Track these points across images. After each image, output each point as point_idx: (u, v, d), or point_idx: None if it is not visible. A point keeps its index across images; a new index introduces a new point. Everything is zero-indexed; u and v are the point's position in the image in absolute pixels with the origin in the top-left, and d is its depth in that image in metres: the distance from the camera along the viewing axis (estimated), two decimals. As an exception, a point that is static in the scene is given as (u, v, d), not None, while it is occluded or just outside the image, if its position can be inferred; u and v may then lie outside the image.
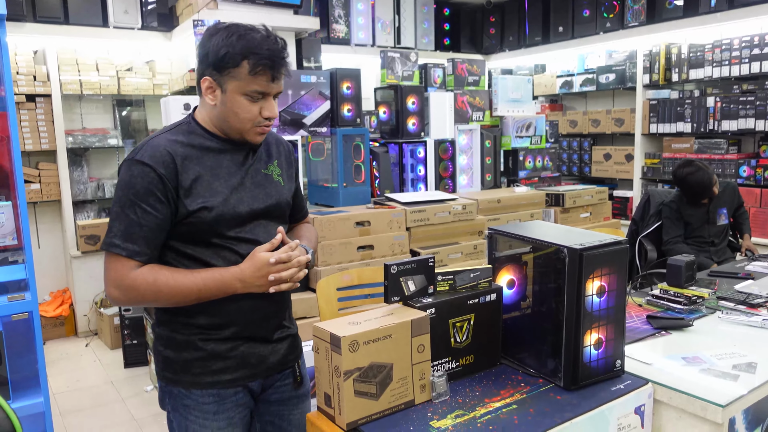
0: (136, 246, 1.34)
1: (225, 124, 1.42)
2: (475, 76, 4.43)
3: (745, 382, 1.46)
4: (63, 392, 3.60)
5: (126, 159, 1.38)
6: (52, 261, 4.70)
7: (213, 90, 1.40)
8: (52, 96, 4.37)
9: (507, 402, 1.38)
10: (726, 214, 3.61)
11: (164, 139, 1.40)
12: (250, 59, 1.34)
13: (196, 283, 1.36)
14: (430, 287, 1.48)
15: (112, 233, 1.35)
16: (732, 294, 2.12)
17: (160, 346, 1.47)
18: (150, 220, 1.34)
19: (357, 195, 3.63)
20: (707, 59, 4.68)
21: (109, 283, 1.36)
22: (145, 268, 1.35)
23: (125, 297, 1.36)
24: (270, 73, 1.37)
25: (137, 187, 1.34)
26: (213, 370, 1.43)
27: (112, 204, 1.38)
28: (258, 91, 1.38)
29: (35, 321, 1.74)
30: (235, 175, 1.46)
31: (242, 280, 1.38)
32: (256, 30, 1.38)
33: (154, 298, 1.36)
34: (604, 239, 1.45)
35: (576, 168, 5.97)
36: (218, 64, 1.36)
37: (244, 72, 1.35)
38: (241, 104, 1.38)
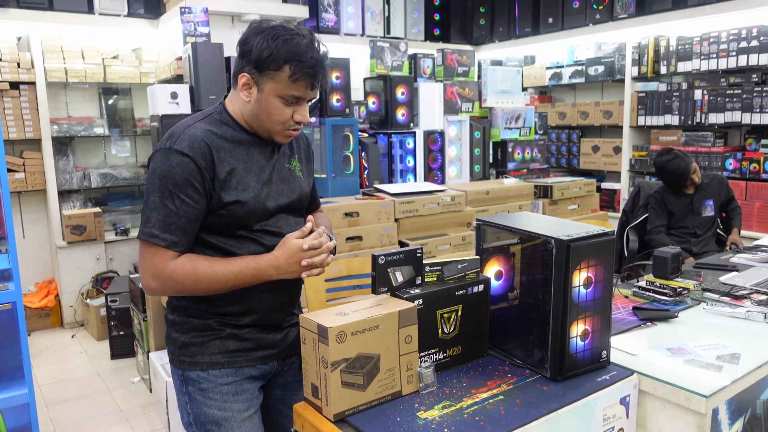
0: (174, 236, 1.36)
1: (256, 121, 1.44)
2: (465, 66, 4.42)
3: (728, 373, 1.48)
4: (49, 383, 3.57)
5: (162, 147, 1.37)
6: (38, 251, 4.65)
7: (249, 87, 1.41)
8: (37, 83, 4.30)
9: (494, 393, 1.38)
10: (712, 206, 3.63)
11: (200, 129, 1.40)
12: (293, 65, 1.35)
13: (233, 271, 1.39)
14: (418, 278, 1.48)
15: (150, 223, 1.35)
16: (717, 286, 2.14)
17: (176, 333, 1.50)
18: (188, 211, 1.36)
19: (346, 185, 3.62)
20: (695, 52, 4.70)
21: (146, 273, 1.37)
22: (183, 257, 1.38)
23: (163, 287, 1.38)
24: (310, 81, 1.39)
25: (176, 178, 1.34)
26: (230, 349, 1.48)
27: (147, 193, 1.37)
28: (294, 96, 1.40)
29: (19, 312, 1.72)
30: (264, 170, 1.49)
31: (277, 267, 1.42)
32: (301, 35, 1.38)
33: (193, 287, 1.38)
34: (591, 230, 1.45)
35: (564, 160, 5.99)
36: (259, 64, 1.37)
37: (285, 76, 1.37)
38: (276, 106, 1.40)
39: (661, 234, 3.63)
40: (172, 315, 1.52)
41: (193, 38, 3.60)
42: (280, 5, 4.15)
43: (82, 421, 3.10)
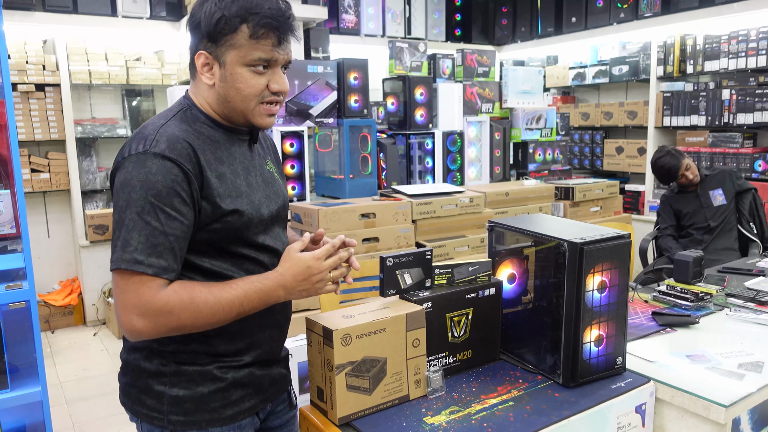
0: (162, 260, 1.08)
1: (227, 105, 1.20)
2: (485, 67, 4.37)
3: (750, 382, 1.42)
4: (70, 381, 3.62)
5: (133, 152, 1.10)
6: (62, 250, 4.73)
7: (210, 66, 1.18)
8: (62, 85, 4.37)
9: (503, 398, 1.35)
10: (722, 194, 3.64)
11: (176, 128, 1.16)
12: (250, 20, 1.14)
13: (238, 296, 1.14)
14: (428, 281, 1.46)
15: (131, 247, 1.06)
16: (741, 291, 2.07)
17: (160, 385, 1.19)
18: (176, 228, 1.10)
19: (363, 187, 3.61)
20: (723, 51, 4.58)
21: (129, 311, 1.08)
22: (175, 285, 1.11)
23: (154, 326, 1.09)
24: (275, 35, 1.16)
25: (158, 187, 1.08)
26: (233, 400, 1.22)
27: (119, 211, 1.09)
28: (263, 59, 1.16)
29: (33, 310, 1.74)
30: (250, 172, 1.26)
31: (284, 286, 1.19)
32: None
33: (192, 321, 1.11)
34: (605, 233, 1.41)
35: (588, 161, 5.89)
36: (213, 33, 1.15)
37: (244, 37, 1.14)
38: (244, 77, 1.17)
39: (668, 238, 3.69)
40: (150, 363, 1.20)
41: (212, 40, 3.62)
42: (299, 6, 4.15)
43: (101, 419, 3.14)
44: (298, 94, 3.43)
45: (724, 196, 3.62)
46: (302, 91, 3.44)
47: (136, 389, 1.22)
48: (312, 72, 3.47)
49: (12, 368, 1.89)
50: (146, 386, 1.20)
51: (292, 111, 3.41)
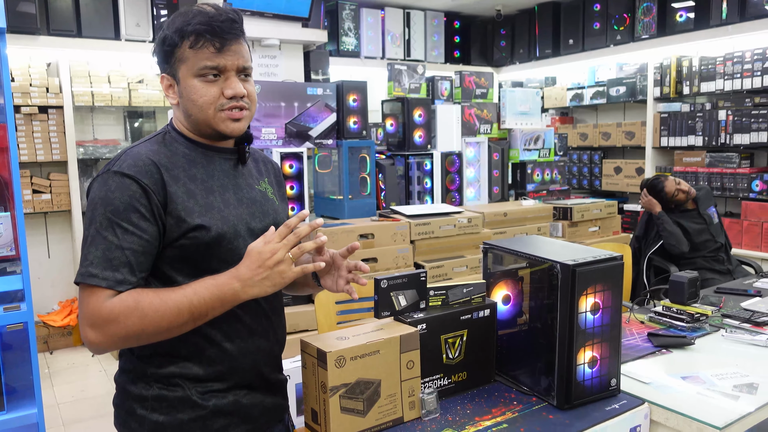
0: (117, 274, 1.10)
1: (191, 120, 1.23)
2: (483, 88, 4.42)
3: (745, 403, 1.42)
4: (67, 402, 3.61)
5: (101, 173, 1.16)
6: (62, 271, 4.74)
7: (172, 86, 1.24)
8: (64, 107, 4.42)
9: (498, 421, 1.35)
10: (716, 213, 3.71)
11: (144, 148, 1.20)
12: (186, 32, 1.18)
13: (186, 294, 1.11)
14: (422, 302, 1.47)
15: (87, 261, 1.10)
16: (737, 311, 2.08)
17: (143, 410, 1.19)
18: (133, 242, 1.11)
19: (362, 207, 3.63)
20: (719, 72, 4.63)
21: (83, 322, 1.10)
22: (123, 294, 1.10)
23: (104, 336, 1.09)
24: (213, 42, 1.18)
25: (115, 203, 1.11)
26: (215, 429, 1.20)
27: (85, 228, 1.15)
28: (209, 67, 1.19)
29: (30, 332, 1.75)
30: (228, 189, 1.26)
31: (238, 277, 1.13)
32: (198, 8, 1.22)
33: (140, 327, 1.09)
34: (598, 255, 1.42)
35: (586, 181, 5.92)
36: (163, 54, 1.22)
37: (186, 50, 1.19)
38: (196, 88, 1.20)
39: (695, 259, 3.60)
40: (134, 386, 1.21)
41: (213, 63, 3.67)
42: (299, 29, 4.21)
43: (98, 441, 3.12)
44: (298, 116, 3.47)
45: (717, 213, 3.67)
46: (302, 112, 3.48)
47: (124, 412, 1.23)
48: (311, 94, 3.51)
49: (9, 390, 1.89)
50: (131, 409, 1.21)
51: (292, 132, 3.45)
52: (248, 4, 3.86)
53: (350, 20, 5.43)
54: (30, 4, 4.12)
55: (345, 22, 5.41)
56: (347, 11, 5.41)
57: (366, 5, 5.53)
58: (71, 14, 4.36)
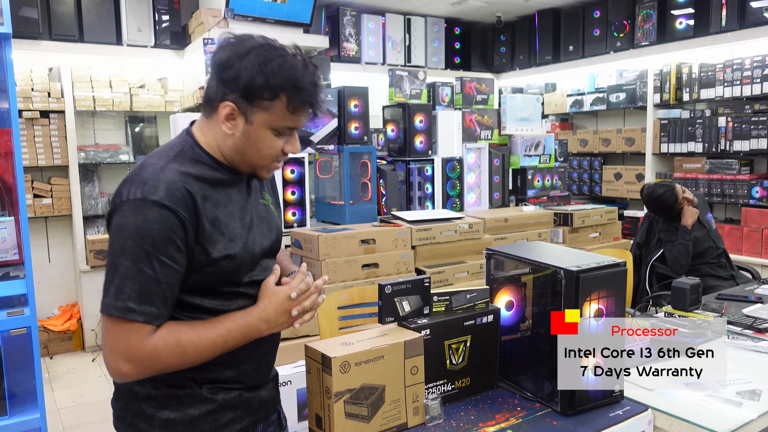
0: (154, 308, 1.11)
1: (239, 156, 1.23)
2: (484, 94, 4.44)
3: (748, 410, 1.42)
4: (67, 407, 3.60)
5: (131, 198, 1.10)
6: (62, 275, 4.74)
7: (234, 118, 1.19)
8: (66, 112, 4.43)
9: (501, 426, 1.35)
10: (712, 219, 3.66)
11: (175, 173, 1.15)
12: (292, 94, 1.16)
13: (222, 335, 1.17)
14: (426, 308, 1.47)
15: (123, 295, 1.08)
16: (739, 318, 2.08)
17: (152, 409, 1.21)
18: (170, 275, 1.12)
19: (363, 213, 3.63)
20: (718, 79, 4.65)
21: (117, 355, 1.10)
22: (163, 330, 1.13)
23: (139, 369, 1.12)
24: (310, 110, 1.21)
25: (154, 235, 1.09)
26: (223, 422, 1.24)
27: (114, 255, 1.10)
28: (289, 128, 1.22)
29: (33, 336, 1.74)
30: (245, 212, 1.28)
31: (267, 320, 1.22)
32: (293, 55, 1.18)
33: (179, 362, 1.15)
34: (602, 261, 1.43)
35: (586, 187, 5.93)
36: (249, 93, 1.16)
37: (281, 106, 1.17)
38: (267, 139, 1.21)
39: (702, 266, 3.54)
40: (142, 386, 1.21)
41: (215, 68, 3.68)
42: (300, 35, 4.23)
43: (98, 446, 3.12)
44: (299, 122, 3.47)
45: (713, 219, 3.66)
46: (303, 118, 3.48)
47: (129, 413, 1.24)
48: (313, 100, 3.51)
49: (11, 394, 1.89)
50: (138, 410, 1.22)
51: (293, 138, 3.45)
52: (250, 10, 3.88)
53: (351, 26, 5.45)
54: (32, 9, 4.13)
55: (346, 28, 5.43)
56: (348, 17, 5.43)
57: (367, 11, 5.55)
58: (73, 19, 4.38)
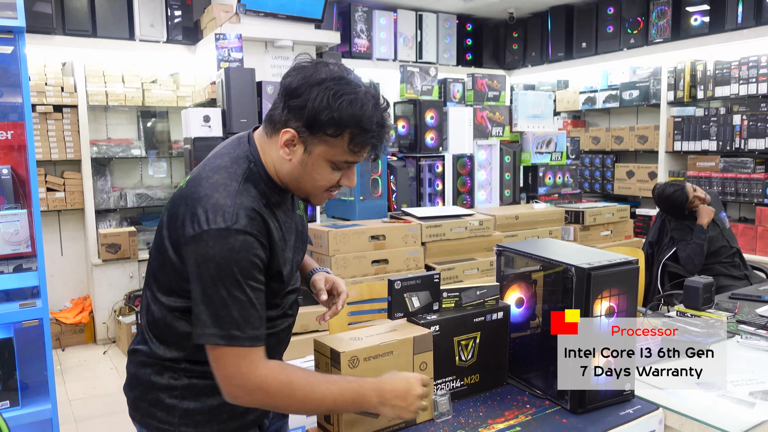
0: (256, 330, 1.13)
1: (293, 183, 1.22)
2: (496, 91, 4.41)
3: (761, 410, 1.41)
4: (79, 399, 3.63)
5: (215, 227, 1.10)
6: (74, 268, 4.77)
7: (293, 145, 1.17)
8: (79, 106, 4.46)
9: (510, 424, 1.35)
10: (726, 218, 3.60)
11: (250, 198, 1.17)
12: (356, 132, 1.14)
13: (333, 392, 1.16)
14: (435, 304, 1.47)
15: (225, 323, 1.10)
16: (753, 318, 2.06)
17: (171, 399, 1.23)
18: (259, 297, 1.15)
19: (373, 209, 3.63)
20: (733, 76, 4.59)
21: (228, 381, 1.13)
22: (275, 364, 1.16)
23: (250, 398, 1.15)
24: (372, 150, 1.19)
25: (243, 264, 1.11)
26: (240, 412, 1.26)
27: (206, 286, 1.11)
28: (348, 162, 1.19)
29: (45, 328, 1.76)
30: (291, 231, 1.28)
31: (381, 395, 1.19)
32: (365, 92, 1.15)
33: (286, 404, 1.17)
34: (614, 259, 1.41)
35: (598, 185, 5.89)
36: (314, 125, 1.13)
37: (343, 143, 1.15)
38: (324, 171, 1.19)
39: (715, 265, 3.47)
40: (161, 377, 1.23)
41: (226, 63, 3.69)
42: (312, 31, 4.22)
43: (108, 438, 3.14)
44: (310, 117, 3.47)
45: (726, 218, 3.61)
46: (314, 114, 3.48)
47: (146, 403, 1.25)
48: (324, 95, 3.51)
49: (23, 386, 1.91)
50: (157, 399, 1.24)
51: (304, 133, 3.45)
52: (262, 5, 3.88)
53: (362, 22, 5.44)
54: (46, 4, 4.16)
55: (357, 23, 5.42)
56: (360, 13, 5.42)
57: (378, 7, 5.54)
58: (86, 14, 4.40)
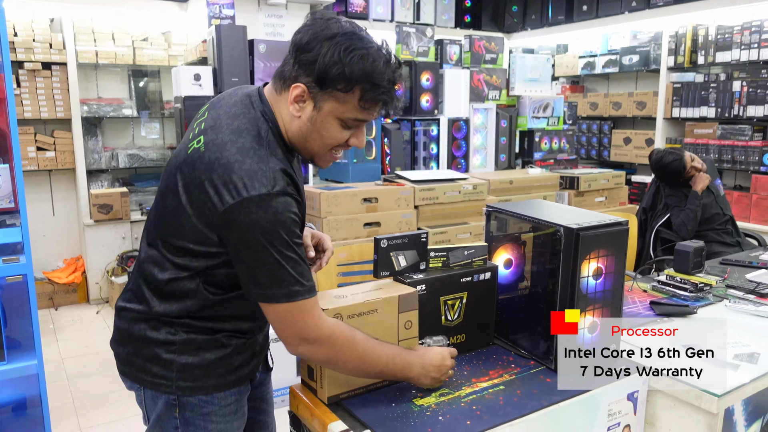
0: (311, 281, 1.16)
1: (302, 141, 1.21)
2: (493, 53, 4.34)
3: (745, 372, 1.41)
4: (72, 357, 3.66)
5: (257, 194, 1.09)
6: (67, 228, 4.75)
7: (303, 100, 1.16)
8: (68, 64, 4.37)
9: (495, 383, 1.35)
10: (721, 185, 3.59)
11: (276, 161, 1.16)
12: (367, 88, 1.13)
13: (387, 354, 1.22)
14: (422, 263, 1.45)
15: (284, 282, 1.12)
16: (742, 282, 2.06)
17: (169, 353, 1.23)
18: (303, 251, 1.17)
19: (367, 171, 3.60)
20: (735, 41, 4.51)
21: (297, 339, 1.16)
22: (339, 321, 1.20)
23: (318, 349, 1.17)
24: (383, 107, 1.17)
25: (288, 224, 1.12)
26: (236, 366, 1.28)
27: (256, 251, 1.11)
28: (358, 120, 1.18)
29: (30, 284, 1.75)
30: (301, 191, 1.26)
31: (423, 365, 1.27)
32: (377, 48, 1.14)
33: (346, 357, 1.19)
34: (603, 219, 1.40)
35: (595, 152, 5.85)
36: (324, 80, 1.13)
37: (354, 99, 1.14)
38: (333, 128, 1.18)
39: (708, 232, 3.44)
40: (157, 332, 1.23)
41: (217, 20, 3.61)
42: (307, -12, 4.12)
43: (100, 395, 3.17)
44: (303, 77, 3.41)
45: (721, 185, 3.60)
46: (307, 73, 3.42)
47: (140, 358, 1.25)
48: (317, 55, 3.44)
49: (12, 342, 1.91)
50: (153, 354, 1.23)
51: (297, 94, 3.40)
52: (254, -39, 3.77)
53: (359, -19, 5.31)
54: (32, -43, 4.04)
55: (354, -18, 5.28)
56: (356, -29, 5.28)
57: (376, -35, 5.39)
58: (74, -32, 4.28)
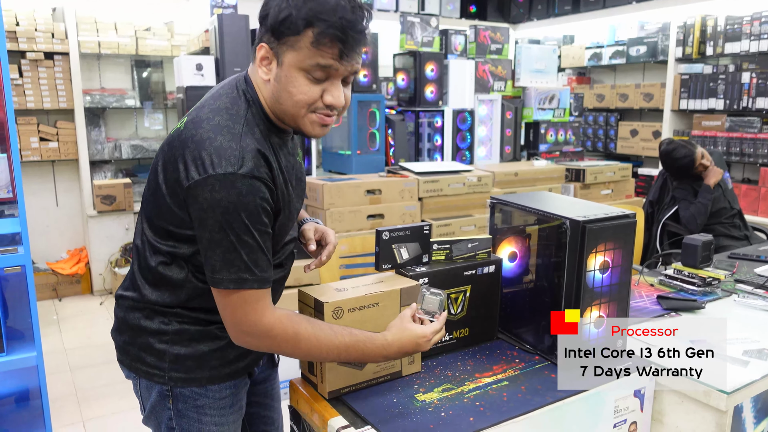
0: (264, 273, 1.13)
1: (278, 106, 1.16)
2: (498, 44, 4.29)
3: (755, 369, 1.38)
4: (75, 348, 3.65)
5: (222, 172, 1.07)
6: (70, 219, 4.75)
7: (269, 61, 1.14)
8: (70, 54, 4.34)
9: (498, 378, 1.32)
10: (729, 178, 3.54)
11: (254, 139, 1.13)
12: (316, 27, 1.07)
13: (338, 348, 1.16)
14: (425, 256, 1.42)
15: (234, 267, 1.10)
16: (751, 277, 2.02)
17: (161, 343, 1.21)
18: (266, 240, 1.13)
19: (371, 163, 3.56)
20: (745, 32, 4.44)
21: (237, 327, 1.14)
22: (283, 315, 1.14)
23: (257, 343, 1.16)
24: (339, 47, 1.08)
25: (250, 208, 1.09)
26: (230, 359, 1.25)
27: (213, 231, 1.09)
28: (321, 66, 1.10)
29: (28, 274, 1.73)
30: (291, 173, 1.23)
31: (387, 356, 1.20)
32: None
33: (290, 351, 1.16)
34: (610, 212, 1.37)
35: (601, 144, 5.79)
36: (276, 30, 1.09)
37: (306, 42, 1.08)
38: (298, 82, 1.11)
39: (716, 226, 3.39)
40: (151, 321, 1.22)
41: (220, 10, 3.57)
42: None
43: (103, 387, 3.17)
44: (307, 67, 3.38)
45: (730, 179, 3.54)
46: (310, 64, 3.39)
47: (135, 347, 1.24)
48: (321, 45, 3.41)
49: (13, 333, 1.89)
50: (146, 344, 1.22)
51: (300, 84, 3.36)
52: (257, -51, 3.72)
53: (364, -30, 5.25)
54: (34, -55, 4.00)
55: (358, -28, 5.23)
56: (361, -40, 5.22)
57: (380, -45, 5.34)
58: (77, -43, 4.25)
